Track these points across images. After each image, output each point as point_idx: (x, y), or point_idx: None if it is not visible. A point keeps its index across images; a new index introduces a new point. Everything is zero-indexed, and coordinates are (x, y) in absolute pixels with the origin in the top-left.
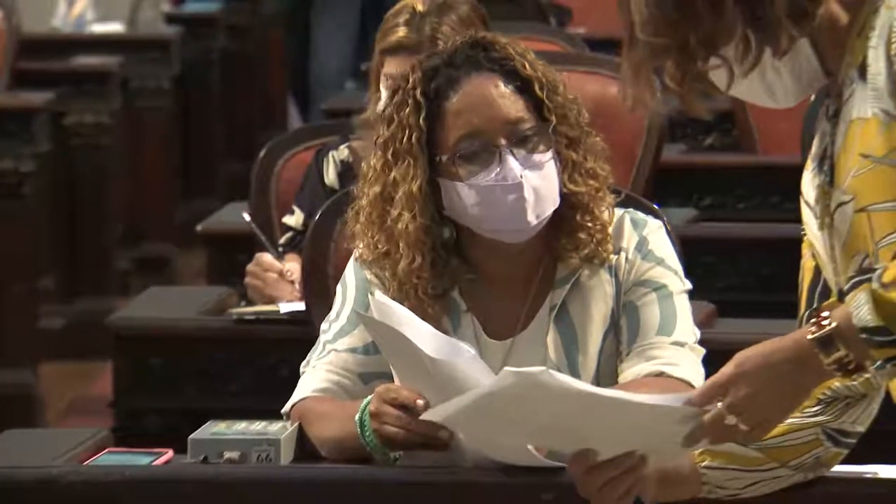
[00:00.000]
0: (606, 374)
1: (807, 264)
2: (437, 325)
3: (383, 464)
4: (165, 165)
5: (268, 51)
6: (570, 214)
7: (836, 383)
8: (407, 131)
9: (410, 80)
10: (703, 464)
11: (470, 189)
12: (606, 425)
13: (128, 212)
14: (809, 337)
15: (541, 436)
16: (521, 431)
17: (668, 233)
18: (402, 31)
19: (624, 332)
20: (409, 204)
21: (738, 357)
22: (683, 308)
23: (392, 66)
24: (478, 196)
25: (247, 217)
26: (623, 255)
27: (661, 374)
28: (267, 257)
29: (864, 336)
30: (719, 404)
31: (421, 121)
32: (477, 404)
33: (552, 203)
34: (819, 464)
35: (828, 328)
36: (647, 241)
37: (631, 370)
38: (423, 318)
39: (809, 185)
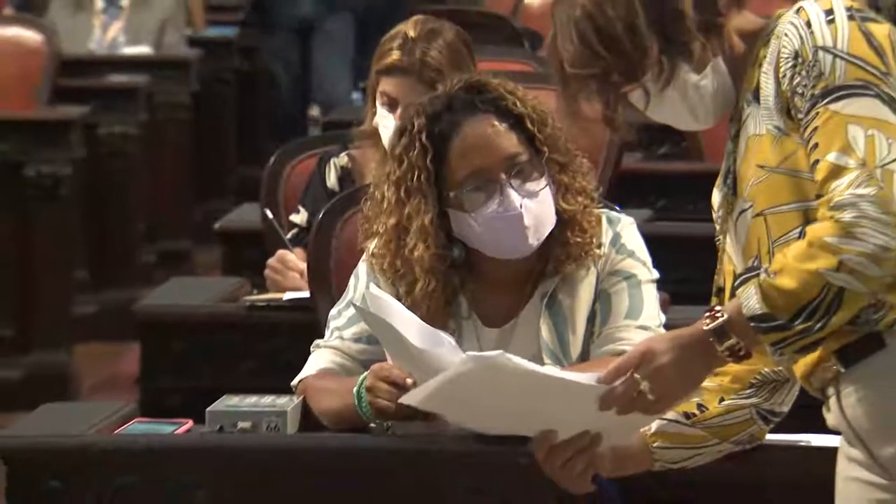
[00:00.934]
0: (589, 353)
1: (726, 268)
2: (443, 326)
3: (378, 433)
4: (184, 170)
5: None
6: (562, 229)
7: (766, 369)
8: (416, 171)
9: (416, 125)
10: (655, 444)
11: (476, 220)
12: (563, 406)
13: (151, 211)
14: (705, 328)
15: (508, 420)
16: (490, 416)
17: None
18: (395, 55)
19: (597, 316)
20: (422, 236)
21: (646, 342)
22: (650, 295)
23: (387, 85)
24: (484, 226)
25: (269, 214)
26: (601, 248)
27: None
28: (291, 256)
29: (752, 325)
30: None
31: (428, 162)
32: (443, 388)
33: (550, 224)
34: (753, 438)
35: (720, 320)
36: (621, 236)
37: (600, 350)
38: (431, 324)
39: (717, 198)
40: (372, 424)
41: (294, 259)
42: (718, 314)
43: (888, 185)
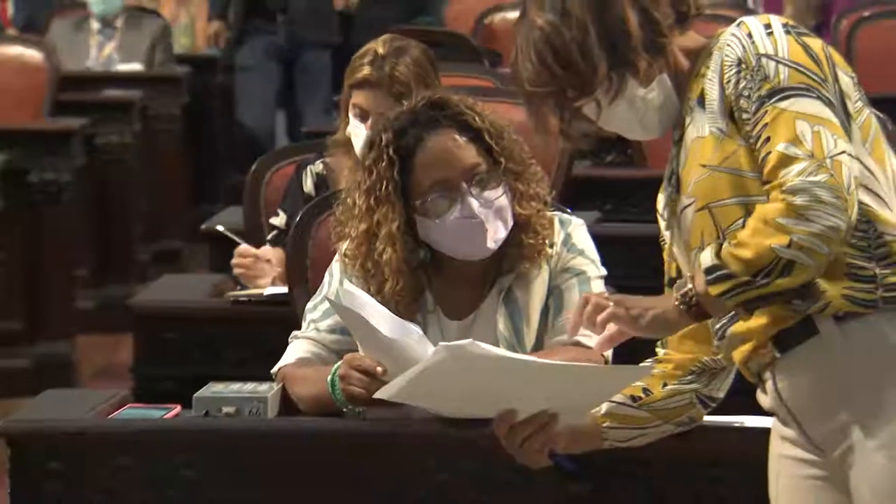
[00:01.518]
0: (543, 344)
1: (671, 269)
2: (411, 319)
3: (350, 417)
4: (176, 177)
5: None
6: (518, 231)
7: (705, 357)
8: (384, 182)
9: (384, 139)
10: (605, 424)
11: (440, 225)
12: (525, 387)
13: (146, 214)
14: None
15: (475, 404)
16: (460, 401)
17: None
18: (366, 70)
19: (551, 309)
20: (391, 241)
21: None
22: (598, 290)
23: (358, 98)
24: (447, 231)
25: (221, 228)
26: (554, 248)
27: (577, 345)
28: (243, 247)
29: (706, 277)
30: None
31: (395, 173)
32: (418, 379)
33: (507, 228)
34: (692, 420)
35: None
36: (571, 237)
37: (553, 340)
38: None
39: (662, 200)
40: (345, 409)
41: (245, 247)
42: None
43: (838, 174)
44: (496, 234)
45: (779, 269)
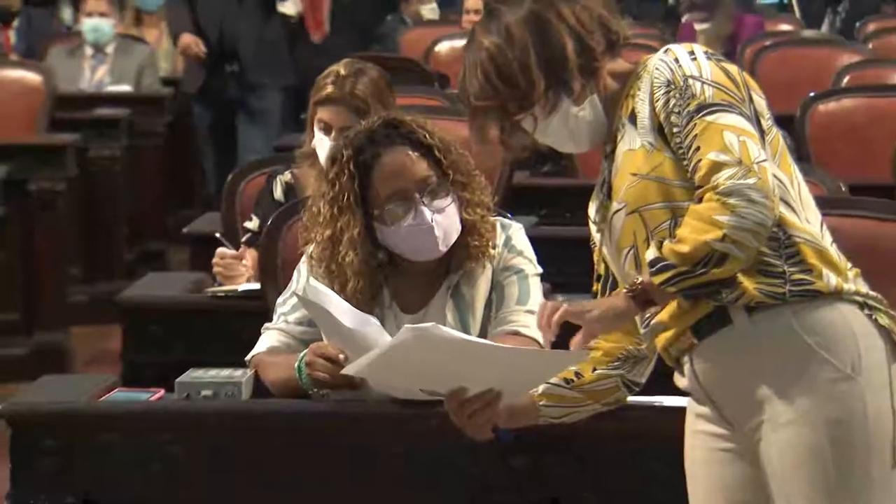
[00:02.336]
0: (487, 334)
1: (600, 268)
2: (369, 313)
3: (315, 399)
4: (160, 186)
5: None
6: (464, 234)
7: (630, 346)
8: (346, 193)
9: (345, 155)
10: (541, 402)
11: (396, 231)
12: (476, 368)
13: (133, 219)
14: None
15: (431, 381)
16: (417, 378)
17: (525, 232)
18: (329, 88)
19: (493, 303)
20: (352, 245)
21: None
22: (535, 286)
23: (323, 114)
24: (402, 236)
25: (217, 235)
26: (496, 249)
27: (516, 334)
28: (222, 249)
29: (651, 270)
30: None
31: (355, 186)
32: (383, 357)
33: (456, 233)
34: (618, 401)
35: (641, 283)
36: (511, 239)
37: (496, 330)
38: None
39: (593, 207)
40: (310, 392)
41: (224, 249)
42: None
43: (764, 177)
44: (446, 238)
45: (714, 260)
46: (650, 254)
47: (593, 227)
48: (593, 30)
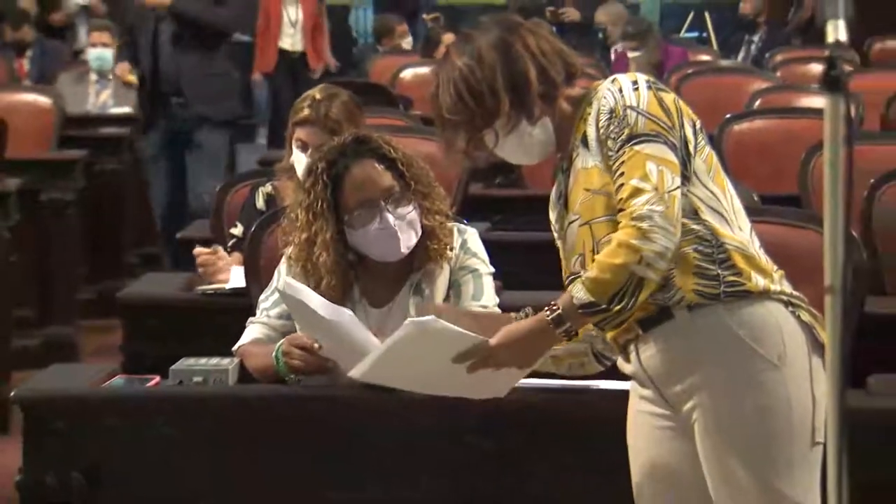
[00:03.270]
0: None
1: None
2: (341, 305)
3: (291, 384)
4: (164, 193)
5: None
6: (424, 238)
7: (591, 330)
8: (320, 201)
9: (319, 167)
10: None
11: (364, 235)
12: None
13: (134, 224)
14: (547, 317)
15: (434, 382)
16: (417, 376)
17: (479, 236)
18: (306, 111)
19: (451, 300)
20: (325, 247)
21: (491, 347)
22: (488, 284)
23: (300, 133)
24: (369, 240)
25: (217, 247)
26: (453, 251)
27: None
28: (199, 248)
29: (581, 311)
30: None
31: (328, 195)
32: (387, 354)
33: (416, 237)
34: (584, 367)
35: (557, 311)
36: (467, 242)
37: None
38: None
39: (553, 216)
40: (287, 379)
41: (199, 248)
42: (555, 307)
43: (671, 206)
44: (407, 241)
45: (632, 287)
46: (580, 295)
47: (555, 234)
48: (554, 61)
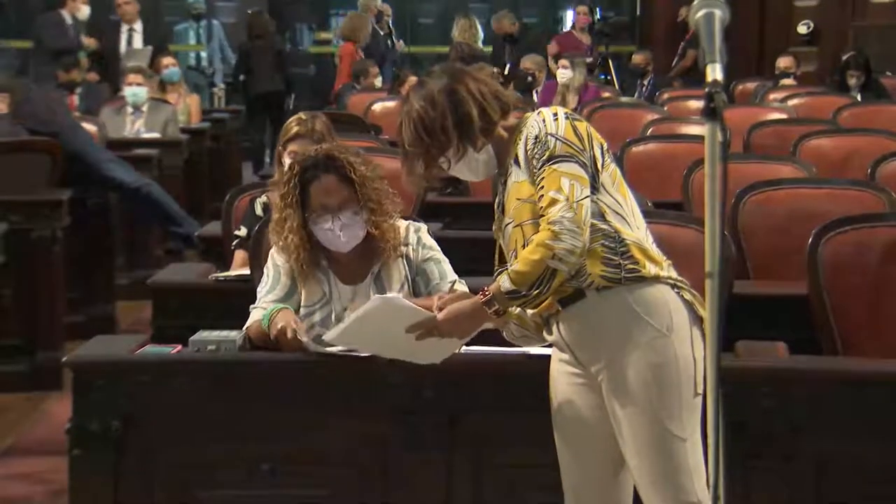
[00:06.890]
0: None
1: (500, 259)
2: (316, 282)
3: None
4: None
5: (231, 146)
6: (377, 240)
7: (530, 311)
8: (291, 196)
9: (295, 171)
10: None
11: (319, 231)
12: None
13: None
14: (480, 301)
15: (392, 348)
16: (383, 344)
17: (428, 231)
18: (296, 128)
19: (421, 283)
20: (292, 231)
21: (437, 321)
22: (447, 265)
23: (293, 146)
24: (321, 235)
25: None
26: (410, 245)
27: (453, 290)
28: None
29: (507, 296)
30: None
31: (298, 194)
32: (355, 322)
33: (357, 240)
34: (535, 333)
35: (489, 295)
36: (421, 238)
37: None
38: (308, 279)
39: (495, 220)
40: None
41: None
42: (487, 293)
43: (580, 212)
44: (349, 242)
45: (547, 276)
46: (506, 284)
47: (496, 234)
48: (492, 102)
